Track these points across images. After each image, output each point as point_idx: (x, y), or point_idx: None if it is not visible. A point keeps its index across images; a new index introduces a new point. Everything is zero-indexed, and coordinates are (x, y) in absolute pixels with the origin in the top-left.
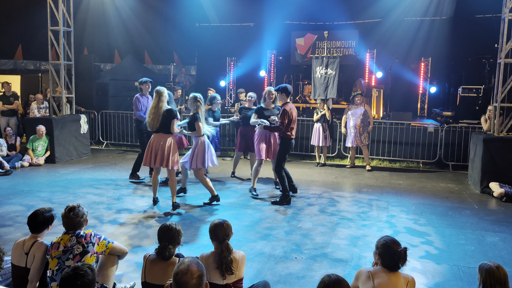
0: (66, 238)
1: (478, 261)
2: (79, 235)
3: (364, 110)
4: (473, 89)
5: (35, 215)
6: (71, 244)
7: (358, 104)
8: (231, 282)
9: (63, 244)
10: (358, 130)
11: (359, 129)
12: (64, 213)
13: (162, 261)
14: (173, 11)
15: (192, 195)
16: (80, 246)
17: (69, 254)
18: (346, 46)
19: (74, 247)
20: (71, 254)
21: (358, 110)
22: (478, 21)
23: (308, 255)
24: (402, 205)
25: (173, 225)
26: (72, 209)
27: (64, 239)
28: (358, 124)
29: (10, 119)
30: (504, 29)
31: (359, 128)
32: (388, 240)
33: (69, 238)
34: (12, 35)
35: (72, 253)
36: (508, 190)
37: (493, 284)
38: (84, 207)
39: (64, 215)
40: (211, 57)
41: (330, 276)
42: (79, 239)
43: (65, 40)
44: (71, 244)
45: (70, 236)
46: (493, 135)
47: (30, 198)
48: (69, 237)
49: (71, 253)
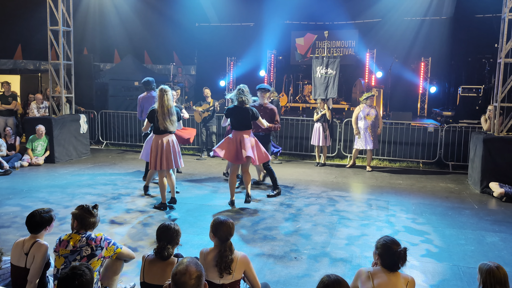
0: (76, 238)
1: (478, 261)
2: (90, 237)
3: (377, 112)
4: (473, 89)
5: (32, 215)
6: (80, 245)
7: (371, 105)
8: (227, 283)
9: (72, 243)
10: (371, 132)
11: (370, 131)
12: (78, 212)
13: (161, 261)
14: (173, 10)
15: (195, 195)
16: (89, 249)
17: (77, 255)
18: (346, 46)
19: (83, 248)
20: (78, 255)
21: (372, 112)
22: (478, 21)
23: (308, 255)
24: (402, 205)
25: (171, 225)
26: (86, 208)
27: (74, 238)
28: (369, 127)
29: (8, 119)
30: (504, 29)
31: (370, 131)
32: (388, 240)
33: (79, 239)
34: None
35: (80, 255)
36: (508, 190)
37: (493, 284)
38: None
39: (78, 214)
40: (211, 57)
41: (330, 276)
42: (89, 241)
43: (65, 40)
44: (80, 245)
45: (80, 236)
46: (493, 135)
47: (29, 198)
48: (80, 238)
49: (79, 254)
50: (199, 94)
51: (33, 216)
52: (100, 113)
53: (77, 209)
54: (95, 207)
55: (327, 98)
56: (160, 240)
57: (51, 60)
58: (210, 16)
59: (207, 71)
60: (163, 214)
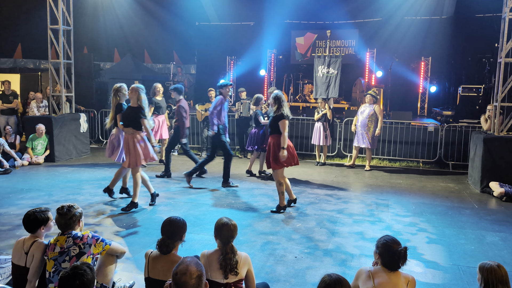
0: (62, 239)
1: (478, 260)
2: (76, 236)
3: (372, 110)
4: (473, 89)
5: (27, 215)
6: (67, 246)
7: (369, 103)
8: (232, 282)
9: (59, 245)
10: (365, 130)
11: (367, 130)
12: (56, 215)
13: (164, 256)
14: (172, 10)
15: (198, 194)
16: (77, 248)
17: (66, 256)
18: (346, 45)
19: (71, 248)
20: (67, 256)
21: (367, 109)
22: (479, 21)
23: (308, 254)
24: (402, 204)
25: (176, 220)
26: (61, 208)
27: (60, 240)
28: (365, 124)
29: (10, 118)
30: (505, 28)
31: (367, 129)
32: (388, 240)
33: (65, 239)
34: (11, 34)
35: (69, 255)
36: (508, 189)
37: (495, 283)
38: (80, 208)
39: (56, 217)
40: (211, 56)
41: (331, 275)
42: (75, 240)
43: (65, 38)
44: (68, 246)
45: (66, 237)
46: (493, 135)
47: (29, 197)
48: (65, 238)
49: (67, 255)
50: (199, 94)
51: (28, 215)
52: (100, 112)
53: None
54: (68, 207)
55: (328, 98)
56: (162, 234)
57: (51, 59)
58: (210, 15)
59: (207, 70)
60: (163, 213)
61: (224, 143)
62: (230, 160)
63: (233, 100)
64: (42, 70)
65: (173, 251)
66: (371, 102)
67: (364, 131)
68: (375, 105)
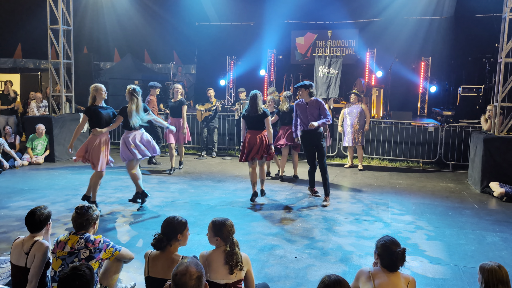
0: (74, 239)
1: (479, 261)
2: (89, 240)
3: (360, 109)
4: (473, 89)
5: (32, 214)
6: (78, 247)
7: (354, 102)
8: (230, 282)
9: (70, 244)
10: (354, 129)
11: (356, 128)
12: (74, 213)
13: (164, 255)
14: (172, 10)
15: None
16: (87, 251)
17: (75, 257)
18: (346, 45)
19: (81, 250)
20: (76, 258)
21: (354, 109)
22: (479, 21)
23: (308, 254)
24: (402, 204)
25: (172, 219)
26: (80, 207)
27: (72, 239)
28: (354, 124)
29: (9, 118)
30: (505, 28)
31: (355, 128)
32: (387, 240)
33: (77, 240)
34: (11, 33)
35: (78, 257)
36: (508, 190)
37: (495, 283)
38: (97, 211)
39: (73, 216)
40: (211, 56)
41: (330, 276)
42: (87, 243)
43: (65, 38)
44: (79, 247)
45: (78, 237)
46: (493, 135)
47: (29, 197)
48: (78, 239)
49: (76, 257)
50: (199, 94)
51: (34, 214)
52: None
53: (74, 211)
54: (86, 208)
55: (329, 98)
56: (160, 232)
57: (51, 59)
58: (210, 15)
59: (207, 70)
60: (164, 213)
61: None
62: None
63: (233, 100)
64: (42, 70)
65: (172, 250)
66: (356, 101)
67: (353, 130)
68: (361, 104)
